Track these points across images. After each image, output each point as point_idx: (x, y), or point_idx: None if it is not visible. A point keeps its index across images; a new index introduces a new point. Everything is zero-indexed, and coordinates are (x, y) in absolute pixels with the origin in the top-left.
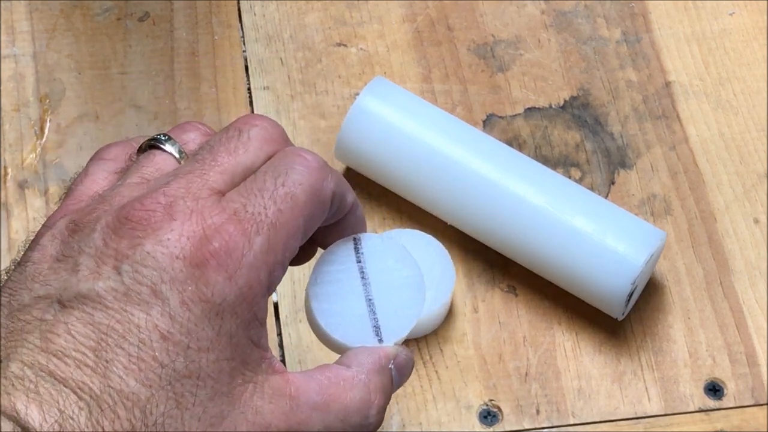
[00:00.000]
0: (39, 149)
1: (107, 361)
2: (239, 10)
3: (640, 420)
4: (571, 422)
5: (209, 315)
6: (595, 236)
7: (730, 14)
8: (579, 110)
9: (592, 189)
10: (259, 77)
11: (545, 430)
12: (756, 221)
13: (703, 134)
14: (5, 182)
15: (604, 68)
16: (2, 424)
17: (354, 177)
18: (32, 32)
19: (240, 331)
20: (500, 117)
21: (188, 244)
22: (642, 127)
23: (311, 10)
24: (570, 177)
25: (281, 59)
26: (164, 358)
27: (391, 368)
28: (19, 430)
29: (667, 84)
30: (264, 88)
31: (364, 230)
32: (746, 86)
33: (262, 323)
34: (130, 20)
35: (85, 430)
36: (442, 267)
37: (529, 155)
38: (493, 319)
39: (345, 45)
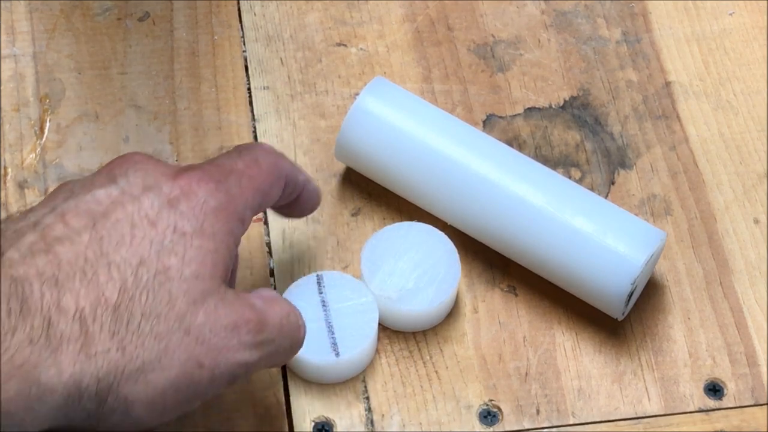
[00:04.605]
0: (39, 149)
1: (101, 237)
2: (239, 10)
3: (640, 420)
4: (571, 422)
5: (194, 209)
6: (595, 236)
7: (730, 14)
8: (579, 110)
9: (592, 189)
10: (259, 77)
11: (545, 430)
12: (756, 221)
13: (703, 134)
14: (5, 182)
15: (604, 68)
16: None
17: (354, 177)
18: (32, 32)
19: (223, 229)
20: (500, 117)
21: (176, 168)
22: (642, 127)
23: (311, 10)
24: (570, 177)
25: (281, 59)
26: (153, 236)
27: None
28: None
29: (667, 84)
30: (264, 88)
31: (315, 200)
32: (746, 86)
33: (242, 233)
34: (130, 20)
35: (81, 287)
36: (448, 262)
37: (529, 155)
38: (493, 319)
39: (345, 45)
